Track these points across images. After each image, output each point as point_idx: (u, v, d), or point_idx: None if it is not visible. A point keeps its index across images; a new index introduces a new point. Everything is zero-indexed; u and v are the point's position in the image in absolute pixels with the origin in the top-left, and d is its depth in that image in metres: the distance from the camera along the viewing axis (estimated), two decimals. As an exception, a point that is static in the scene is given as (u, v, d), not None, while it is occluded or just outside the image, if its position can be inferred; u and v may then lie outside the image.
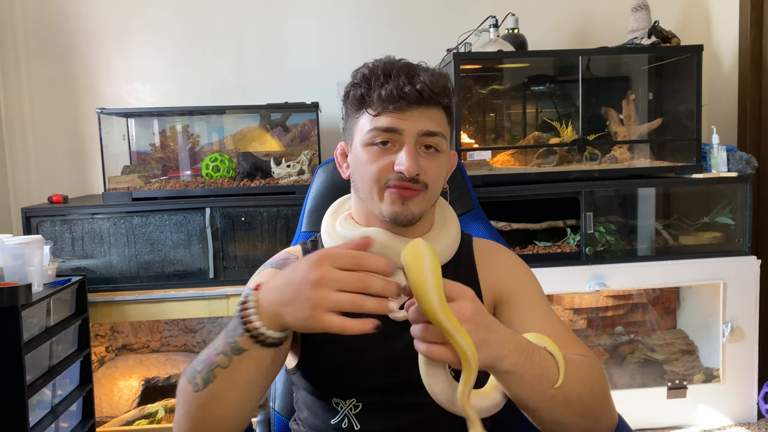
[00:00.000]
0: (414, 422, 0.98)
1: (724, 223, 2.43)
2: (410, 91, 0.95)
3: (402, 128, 0.96)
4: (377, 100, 0.97)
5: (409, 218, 0.99)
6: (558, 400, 0.81)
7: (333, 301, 0.69)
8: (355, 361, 0.98)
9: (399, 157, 0.96)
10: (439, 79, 0.98)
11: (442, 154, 1.00)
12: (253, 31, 2.71)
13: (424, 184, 0.98)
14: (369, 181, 0.99)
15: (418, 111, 0.96)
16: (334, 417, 0.99)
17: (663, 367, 2.49)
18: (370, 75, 0.98)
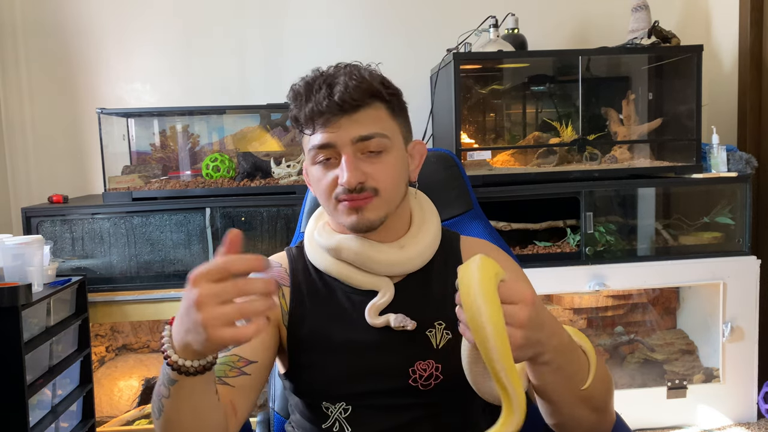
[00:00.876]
0: (405, 423, 0.98)
1: (724, 223, 2.43)
2: (329, 103, 0.93)
3: (334, 141, 0.95)
4: (304, 119, 0.96)
5: (367, 225, 0.98)
6: (581, 396, 0.82)
7: (219, 316, 0.67)
8: (344, 368, 0.98)
9: (339, 170, 0.95)
10: (361, 82, 0.94)
11: (389, 152, 0.98)
12: (253, 31, 2.71)
13: (373, 190, 0.96)
14: (322, 197, 1.00)
15: (345, 119, 0.94)
16: (325, 421, 0.99)
17: (663, 367, 2.49)
18: (295, 96, 0.98)
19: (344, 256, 1.01)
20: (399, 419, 0.98)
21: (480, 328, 0.67)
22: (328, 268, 1.03)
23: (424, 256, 1.03)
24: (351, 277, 1.02)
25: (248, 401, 0.93)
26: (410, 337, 0.99)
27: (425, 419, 0.99)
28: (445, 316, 1.01)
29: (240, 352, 0.93)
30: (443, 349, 0.99)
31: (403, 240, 1.03)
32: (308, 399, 1.02)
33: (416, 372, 0.97)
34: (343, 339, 0.99)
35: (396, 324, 0.97)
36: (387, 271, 1.01)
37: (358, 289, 1.02)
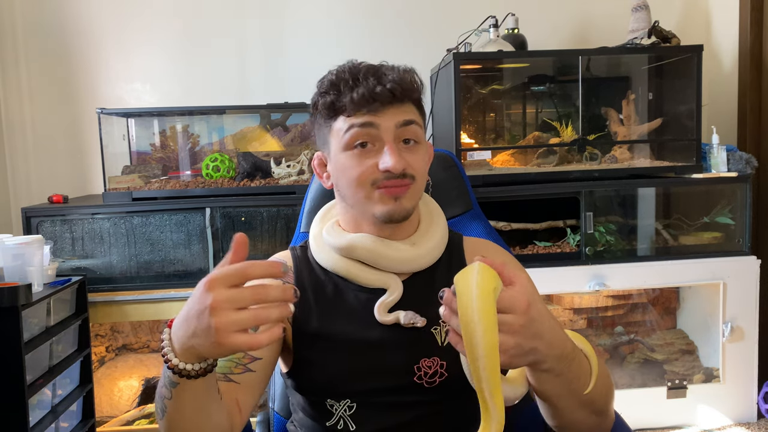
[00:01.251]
0: (411, 420, 0.98)
1: (724, 223, 2.43)
2: (382, 91, 0.95)
3: (379, 123, 0.96)
4: (350, 104, 0.97)
5: (403, 214, 0.99)
6: (582, 400, 0.82)
7: (234, 322, 0.67)
8: (349, 365, 0.98)
9: (383, 156, 0.96)
10: (406, 75, 0.99)
11: (421, 144, 1.01)
12: (253, 31, 2.71)
13: (412, 177, 0.98)
14: (355, 185, 0.99)
15: (392, 109, 0.97)
16: (329, 419, 0.99)
17: (663, 367, 2.49)
18: (337, 81, 1.00)
19: (357, 254, 1.02)
20: (403, 417, 0.98)
21: (473, 346, 0.68)
22: (336, 266, 1.04)
23: (434, 252, 1.05)
24: (359, 275, 1.03)
25: (252, 398, 0.94)
26: (416, 335, 0.99)
27: (429, 417, 0.99)
28: None
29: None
30: (448, 346, 0.99)
31: (414, 237, 1.04)
32: (312, 396, 1.02)
33: (421, 369, 0.98)
34: (349, 336, 1.00)
35: (406, 321, 0.98)
36: (399, 268, 1.02)
37: (364, 287, 1.03)
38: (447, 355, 0.98)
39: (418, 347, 0.99)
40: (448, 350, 0.99)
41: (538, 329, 0.72)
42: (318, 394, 1.00)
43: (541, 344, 0.73)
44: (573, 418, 0.84)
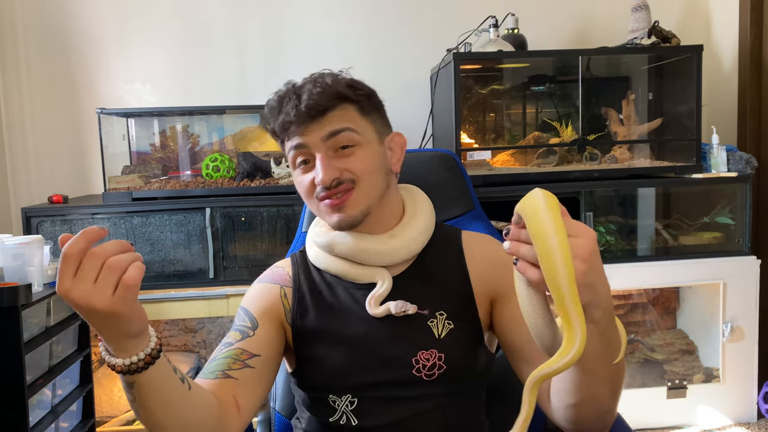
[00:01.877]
0: (413, 414, 0.99)
1: (724, 223, 2.43)
2: (297, 112, 0.99)
3: (307, 142, 1.00)
4: (280, 130, 1.03)
5: (350, 222, 1.02)
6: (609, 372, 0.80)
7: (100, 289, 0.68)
8: (348, 360, 1.00)
9: (315, 169, 1.00)
10: (324, 88, 1.00)
11: (361, 146, 1.01)
12: (254, 31, 2.71)
13: (350, 181, 1.00)
14: (305, 199, 1.05)
15: (314, 124, 1.00)
16: (332, 415, 1.00)
17: (663, 367, 2.49)
18: (270, 110, 1.06)
19: (338, 251, 1.05)
20: (405, 411, 0.99)
21: (548, 254, 0.67)
22: (327, 265, 1.07)
23: (414, 244, 1.06)
24: (348, 271, 1.05)
25: (254, 397, 0.94)
26: (412, 328, 1.00)
27: (431, 411, 0.99)
28: (446, 306, 1.03)
29: (243, 346, 0.96)
30: (445, 338, 1.00)
31: (394, 230, 1.06)
32: (314, 392, 1.03)
33: (419, 362, 0.98)
34: (346, 331, 1.02)
35: (396, 310, 0.99)
36: (379, 260, 1.04)
37: (357, 284, 1.05)
38: (445, 348, 0.99)
39: (415, 340, 1.00)
40: (445, 342, 1.00)
41: (599, 266, 0.72)
42: (319, 390, 1.02)
43: (599, 284, 0.71)
44: (595, 393, 0.81)
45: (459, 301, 1.04)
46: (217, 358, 0.95)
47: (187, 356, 2.52)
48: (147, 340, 0.75)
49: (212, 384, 0.91)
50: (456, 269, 1.06)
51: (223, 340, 0.99)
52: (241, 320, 1.02)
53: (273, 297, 1.06)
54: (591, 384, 0.80)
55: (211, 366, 0.94)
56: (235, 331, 1.00)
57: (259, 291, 1.08)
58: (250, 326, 1.00)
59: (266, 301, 1.05)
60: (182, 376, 0.82)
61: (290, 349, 1.05)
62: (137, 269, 0.69)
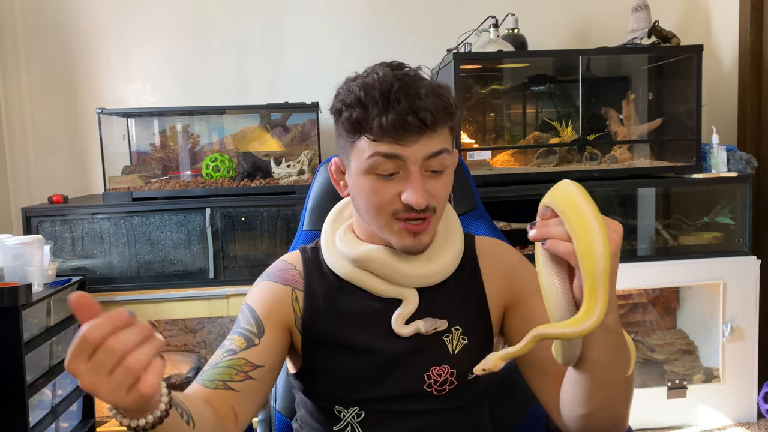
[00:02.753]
0: (418, 428, 0.97)
1: (724, 223, 2.43)
2: (413, 120, 0.88)
3: (406, 156, 0.90)
4: (377, 128, 0.89)
5: (421, 249, 0.96)
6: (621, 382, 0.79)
7: (117, 385, 0.61)
8: (359, 372, 0.97)
9: (406, 189, 0.90)
10: (440, 99, 0.91)
11: (448, 170, 0.96)
12: (254, 31, 2.71)
13: (433, 209, 0.94)
14: (374, 211, 0.94)
15: (423, 138, 0.90)
16: (336, 424, 0.99)
17: (663, 367, 2.49)
18: (365, 99, 0.90)
19: (372, 267, 0.98)
20: (411, 425, 0.97)
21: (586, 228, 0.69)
22: (349, 275, 1.00)
23: (450, 267, 1.01)
24: (374, 286, 0.99)
25: (252, 406, 0.92)
26: (427, 343, 0.98)
27: (437, 425, 0.98)
28: (461, 321, 1.00)
29: (247, 356, 0.92)
30: (459, 354, 0.98)
31: (430, 252, 1.00)
32: (320, 401, 1.01)
33: (431, 377, 0.97)
34: (360, 343, 0.98)
35: (427, 329, 0.96)
36: (414, 283, 0.99)
37: (377, 296, 1.00)
38: (458, 364, 0.97)
39: (429, 355, 0.97)
40: (458, 358, 0.98)
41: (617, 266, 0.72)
42: (326, 400, 0.99)
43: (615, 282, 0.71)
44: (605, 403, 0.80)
45: (474, 313, 1.02)
46: (219, 366, 0.91)
47: (187, 356, 2.52)
48: (158, 398, 0.70)
49: (211, 394, 0.88)
50: (471, 280, 1.04)
51: (226, 344, 0.94)
52: (246, 322, 0.96)
53: (283, 300, 0.99)
54: (603, 394, 0.79)
55: (212, 374, 0.90)
56: (239, 335, 0.94)
57: (268, 291, 1.00)
58: (255, 332, 0.94)
59: (275, 304, 0.98)
60: (188, 416, 0.77)
61: (296, 353, 1.01)
62: (156, 373, 0.62)
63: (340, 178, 1.01)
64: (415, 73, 0.94)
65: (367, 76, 0.92)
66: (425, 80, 0.93)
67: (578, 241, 0.69)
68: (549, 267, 0.75)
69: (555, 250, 0.71)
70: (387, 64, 0.95)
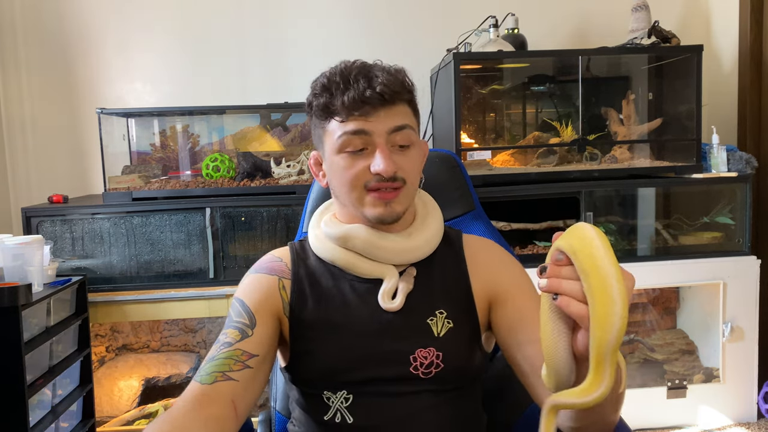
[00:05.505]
0: (408, 413, 0.98)
1: (724, 223, 2.43)
2: (371, 94, 0.97)
3: (371, 130, 0.98)
4: (341, 108, 0.99)
5: (394, 217, 1.02)
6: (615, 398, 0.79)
7: None
8: (345, 354, 0.99)
9: (375, 159, 0.98)
10: (396, 76, 1.01)
11: (414, 146, 1.03)
12: (253, 31, 2.71)
13: (402, 180, 1.00)
14: (348, 186, 1.01)
15: (383, 111, 0.99)
16: (326, 412, 1.00)
17: (663, 367, 2.49)
18: (329, 84, 1.01)
19: (351, 245, 1.04)
20: (400, 410, 0.98)
21: (604, 290, 0.62)
22: (334, 257, 1.06)
23: (430, 244, 1.07)
24: (357, 265, 1.04)
25: (250, 397, 0.94)
26: (412, 325, 1.00)
27: (426, 410, 0.99)
28: (446, 305, 1.03)
29: (243, 347, 0.95)
30: (444, 337, 1.00)
31: (410, 229, 1.07)
32: (308, 388, 1.02)
33: (417, 360, 0.98)
34: (345, 325, 1.01)
35: (408, 285, 1.02)
36: (394, 259, 1.04)
37: (361, 278, 1.05)
38: (443, 346, 0.99)
39: (414, 337, 1.00)
40: (444, 341, 1.00)
41: None
42: (315, 385, 1.01)
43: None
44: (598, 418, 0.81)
45: (458, 301, 1.04)
46: (216, 358, 0.93)
47: (187, 356, 2.52)
48: None
49: (209, 391, 0.89)
50: (456, 270, 1.07)
51: (221, 339, 0.96)
52: (238, 315, 1.00)
53: (270, 289, 1.04)
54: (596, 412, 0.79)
55: (210, 367, 0.92)
56: (233, 329, 0.98)
57: (256, 282, 1.05)
58: (248, 324, 0.98)
59: (263, 294, 1.03)
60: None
61: (285, 343, 1.04)
62: None
63: (318, 170, 1.10)
64: (374, 62, 1.06)
65: (331, 69, 1.04)
66: (382, 65, 1.04)
67: (595, 308, 0.63)
68: (555, 321, 0.70)
69: (567, 310, 0.67)
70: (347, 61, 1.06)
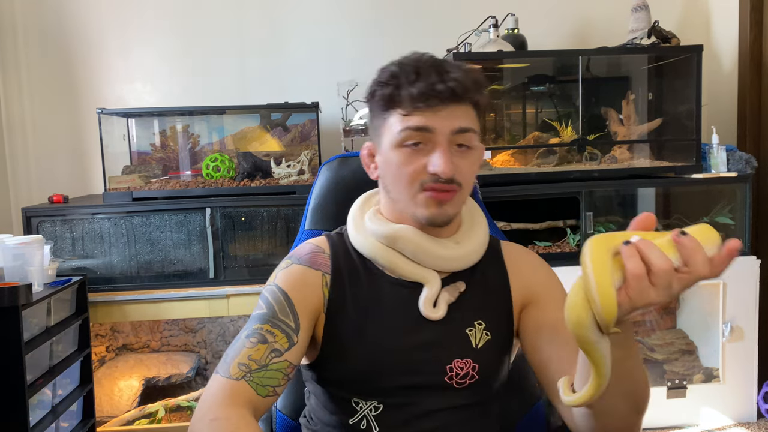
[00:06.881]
0: (434, 428, 0.96)
1: (724, 223, 2.43)
2: (442, 88, 0.92)
3: (434, 127, 0.93)
4: (407, 99, 0.93)
5: (445, 220, 0.98)
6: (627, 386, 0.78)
7: None
8: (380, 362, 0.96)
9: (433, 158, 0.93)
10: (469, 74, 0.95)
11: (474, 150, 0.98)
12: (253, 31, 2.71)
13: (459, 184, 0.96)
14: (402, 183, 0.96)
15: (450, 108, 0.93)
16: (352, 417, 0.97)
17: (663, 367, 2.49)
18: (399, 73, 0.95)
19: (400, 246, 1.00)
20: (428, 423, 0.96)
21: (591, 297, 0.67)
22: (376, 254, 1.01)
23: (478, 252, 1.03)
24: (399, 266, 1.00)
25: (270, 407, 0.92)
26: (450, 335, 0.98)
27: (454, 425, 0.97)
28: (485, 316, 1.01)
29: (290, 358, 0.92)
30: (481, 348, 0.98)
31: (458, 236, 1.03)
32: (337, 390, 0.99)
33: (453, 370, 0.97)
34: (382, 329, 0.98)
35: (451, 296, 0.99)
36: (442, 265, 1.01)
37: (401, 281, 1.01)
38: (480, 358, 0.98)
39: (452, 348, 0.98)
40: (481, 352, 0.98)
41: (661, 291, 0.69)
42: (344, 389, 0.98)
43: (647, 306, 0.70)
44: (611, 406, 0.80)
45: (498, 311, 1.02)
46: (269, 368, 0.89)
47: (187, 356, 2.52)
48: None
49: (261, 403, 0.87)
50: (497, 278, 1.05)
51: (270, 341, 0.91)
52: (283, 313, 0.94)
53: (314, 286, 0.99)
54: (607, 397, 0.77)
55: (263, 377, 0.89)
56: (280, 331, 0.92)
57: (300, 276, 0.99)
58: (293, 327, 0.93)
59: (307, 291, 0.98)
60: None
61: (314, 340, 0.99)
62: None
63: (371, 161, 1.05)
64: (444, 58, 0.99)
65: (402, 58, 0.98)
66: (455, 62, 0.98)
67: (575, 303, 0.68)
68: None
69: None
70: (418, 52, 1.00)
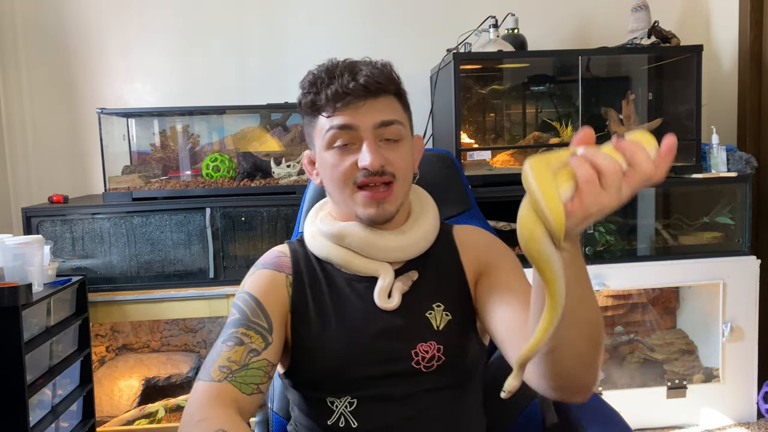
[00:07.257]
0: (411, 415, 0.98)
1: (724, 223, 2.43)
2: (355, 86, 0.97)
3: (357, 124, 0.98)
4: (326, 102, 0.99)
5: (386, 217, 1.02)
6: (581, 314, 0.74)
7: None
8: (346, 353, 0.99)
9: (361, 153, 0.98)
10: (381, 69, 1.01)
11: (404, 141, 1.02)
12: (254, 30, 2.71)
13: (392, 175, 0.99)
14: (338, 183, 1.01)
15: (367, 104, 0.98)
16: (330, 417, 0.99)
17: (663, 366, 2.49)
18: (315, 80, 1.01)
19: (347, 242, 1.04)
20: (404, 412, 0.98)
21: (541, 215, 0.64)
22: (329, 254, 1.06)
23: (425, 241, 1.07)
24: (352, 262, 1.04)
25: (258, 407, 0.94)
26: (411, 320, 1.01)
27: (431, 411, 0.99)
28: (443, 298, 1.03)
29: (268, 357, 0.94)
30: (444, 330, 1.00)
31: (404, 227, 1.06)
32: (310, 391, 1.02)
33: (418, 354, 0.98)
34: (344, 324, 1.01)
35: (405, 285, 1.02)
36: (389, 256, 1.04)
37: (358, 276, 1.05)
38: (443, 339, 1.00)
39: (413, 332, 1.00)
40: (444, 334, 1.00)
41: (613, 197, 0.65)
42: (317, 388, 1.00)
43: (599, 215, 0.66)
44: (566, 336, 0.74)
45: (454, 290, 1.05)
46: (250, 367, 0.92)
47: (187, 356, 2.52)
48: None
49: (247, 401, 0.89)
50: (450, 260, 1.08)
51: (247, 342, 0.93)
52: (255, 315, 0.97)
53: (279, 286, 1.03)
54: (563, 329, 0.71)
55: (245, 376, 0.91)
56: (255, 332, 0.95)
57: (266, 279, 1.04)
58: (266, 327, 0.97)
59: (273, 291, 1.02)
60: None
61: (286, 346, 1.02)
62: None
63: (312, 168, 1.10)
64: (362, 59, 1.06)
65: (317, 66, 1.04)
66: (369, 60, 1.05)
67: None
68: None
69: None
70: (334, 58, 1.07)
